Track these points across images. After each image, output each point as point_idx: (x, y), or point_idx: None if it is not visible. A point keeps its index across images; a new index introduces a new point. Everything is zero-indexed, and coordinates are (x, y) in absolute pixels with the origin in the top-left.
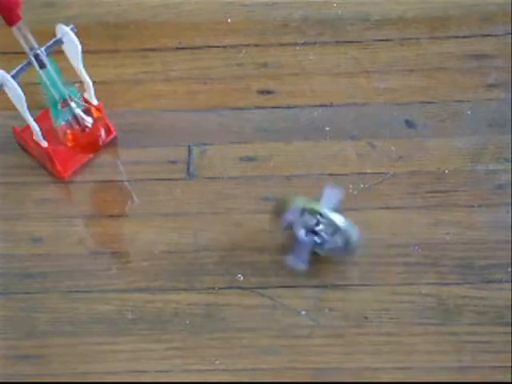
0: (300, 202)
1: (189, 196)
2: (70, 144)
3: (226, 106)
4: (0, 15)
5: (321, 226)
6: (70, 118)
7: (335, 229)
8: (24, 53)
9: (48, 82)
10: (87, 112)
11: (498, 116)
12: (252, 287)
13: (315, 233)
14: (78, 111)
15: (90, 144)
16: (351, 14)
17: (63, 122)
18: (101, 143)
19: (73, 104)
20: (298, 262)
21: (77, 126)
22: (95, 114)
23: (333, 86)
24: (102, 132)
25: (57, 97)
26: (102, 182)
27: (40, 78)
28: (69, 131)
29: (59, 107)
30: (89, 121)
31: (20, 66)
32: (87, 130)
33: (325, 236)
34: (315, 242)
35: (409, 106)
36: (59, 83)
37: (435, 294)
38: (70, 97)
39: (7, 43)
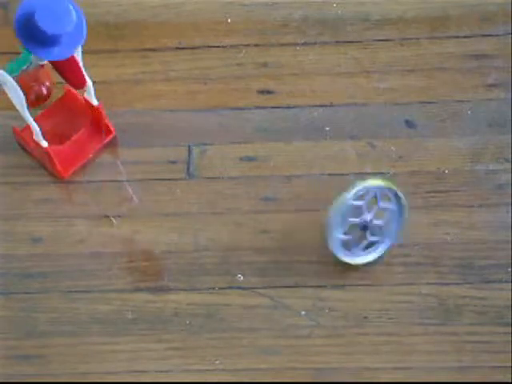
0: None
1: (189, 196)
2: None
3: (226, 106)
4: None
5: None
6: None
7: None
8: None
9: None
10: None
11: (497, 116)
12: (252, 287)
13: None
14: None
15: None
16: (351, 13)
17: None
18: (44, 93)
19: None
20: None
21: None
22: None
23: (333, 85)
24: (47, 82)
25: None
26: (102, 181)
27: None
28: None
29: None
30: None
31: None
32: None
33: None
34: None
35: (409, 106)
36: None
37: (435, 293)
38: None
39: (7, 43)
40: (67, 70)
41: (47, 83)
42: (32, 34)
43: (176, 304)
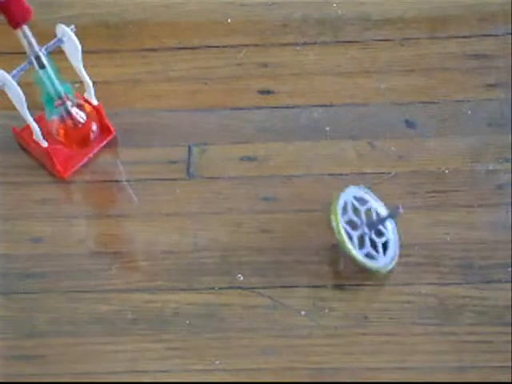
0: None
1: (189, 196)
2: (62, 139)
3: (226, 106)
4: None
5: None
6: (63, 113)
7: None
8: (24, 53)
9: (46, 81)
10: (80, 107)
11: (497, 116)
12: (252, 287)
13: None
14: (72, 107)
15: (82, 139)
16: (351, 13)
17: (56, 117)
18: (92, 138)
19: (68, 102)
20: None
21: (69, 121)
22: (88, 109)
23: (333, 85)
24: (94, 127)
25: (53, 94)
26: (102, 181)
27: (37, 76)
28: (61, 126)
29: (55, 105)
30: (82, 116)
31: (20, 66)
32: (80, 125)
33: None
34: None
35: (409, 106)
36: (56, 81)
37: (435, 294)
38: (65, 95)
39: (7, 43)
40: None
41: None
42: None
43: (176, 304)
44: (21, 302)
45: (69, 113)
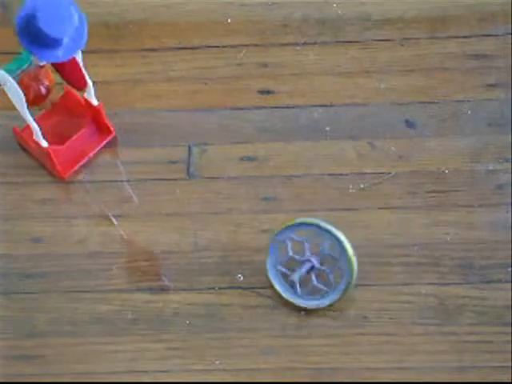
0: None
1: (189, 196)
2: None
3: (226, 106)
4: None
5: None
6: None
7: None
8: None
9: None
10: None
11: (498, 116)
12: (252, 287)
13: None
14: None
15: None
16: (351, 13)
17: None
18: (44, 94)
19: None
20: None
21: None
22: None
23: (333, 85)
24: (45, 82)
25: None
26: (102, 181)
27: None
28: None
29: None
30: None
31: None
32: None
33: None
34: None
35: (409, 106)
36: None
37: (435, 294)
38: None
39: (7, 43)
40: (68, 72)
41: (46, 83)
42: (34, 36)
43: (176, 304)
44: (21, 301)
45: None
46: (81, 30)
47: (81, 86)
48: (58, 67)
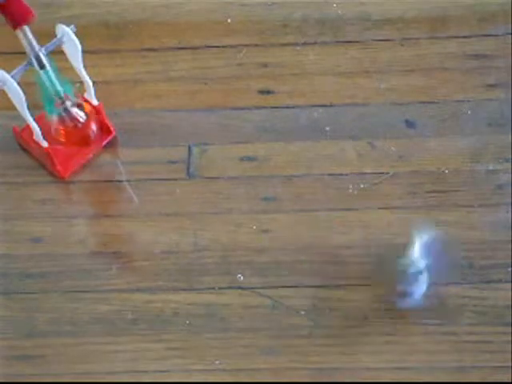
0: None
1: (189, 196)
2: (62, 139)
3: (226, 106)
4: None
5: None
6: (62, 112)
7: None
8: (24, 53)
9: (46, 81)
10: (79, 107)
11: (498, 116)
12: (252, 287)
13: None
14: (72, 107)
15: (81, 138)
16: (351, 13)
17: (55, 117)
18: (92, 137)
19: (67, 102)
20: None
21: (69, 121)
22: (87, 109)
23: (333, 86)
24: (93, 126)
25: (52, 94)
26: (102, 181)
27: (37, 76)
28: (61, 126)
29: (54, 104)
30: (81, 115)
31: (20, 66)
32: (79, 125)
33: None
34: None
35: (409, 106)
36: (55, 81)
37: (435, 294)
38: (65, 94)
39: (7, 43)
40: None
41: (83, 115)
42: None
43: (176, 304)
44: (21, 302)
45: (68, 112)
46: None
47: (25, 18)
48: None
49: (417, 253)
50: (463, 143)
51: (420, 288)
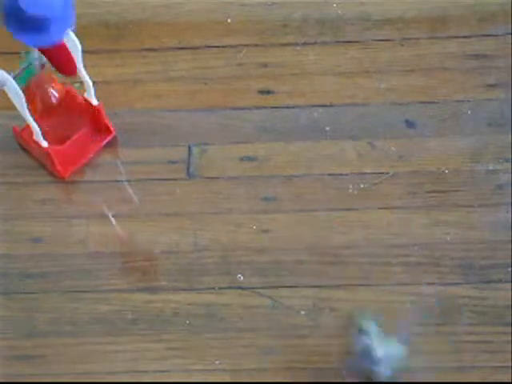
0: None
1: (189, 196)
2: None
3: (226, 106)
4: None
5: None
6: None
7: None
8: (24, 53)
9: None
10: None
11: (498, 116)
12: (252, 287)
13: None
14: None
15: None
16: (351, 13)
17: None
18: (53, 103)
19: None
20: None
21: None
22: (58, 87)
23: (333, 86)
24: (55, 93)
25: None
26: (102, 182)
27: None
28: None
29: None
30: (54, 94)
31: (20, 66)
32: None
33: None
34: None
35: (409, 106)
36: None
37: (435, 293)
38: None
39: (7, 43)
40: (57, 57)
41: (52, 88)
42: (19, 22)
43: (176, 304)
44: (21, 302)
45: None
46: (67, 9)
47: (71, 71)
48: (47, 53)
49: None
50: (463, 143)
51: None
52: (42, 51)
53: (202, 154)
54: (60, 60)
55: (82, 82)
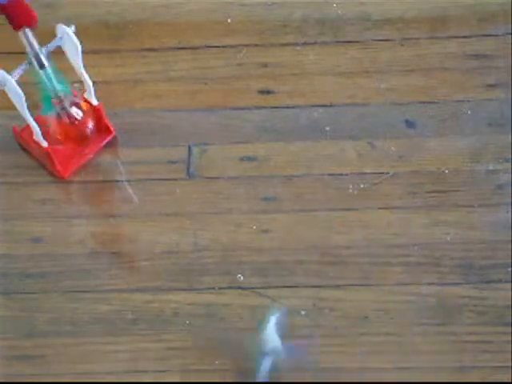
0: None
1: (189, 196)
2: (59, 137)
3: (226, 106)
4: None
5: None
6: (60, 111)
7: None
8: (24, 53)
9: (45, 80)
10: (77, 105)
11: (498, 116)
12: (252, 287)
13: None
14: (70, 106)
15: (78, 136)
16: (351, 13)
17: (53, 116)
18: (89, 135)
19: (65, 101)
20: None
21: (66, 119)
22: (84, 107)
23: (333, 85)
24: (90, 124)
25: (52, 94)
26: (102, 182)
27: (36, 75)
28: (59, 124)
29: (52, 103)
30: (78, 113)
31: (20, 66)
32: (76, 122)
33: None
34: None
35: (409, 106)
36: (54, 81)
37: (435, 293)
38: (63, 94)
39: (7, 43)
40: (12, 8)
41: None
42: None
43: (176, 304)
44: (21, 301)
45: (65, 111)
46: None
47: (28, 21)
48: (4, 9)
49: (268, 333)
50: (463, 143)
51: (265, 367)
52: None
53: (202, 154)
54: (19, 11)
55: (81, 82)
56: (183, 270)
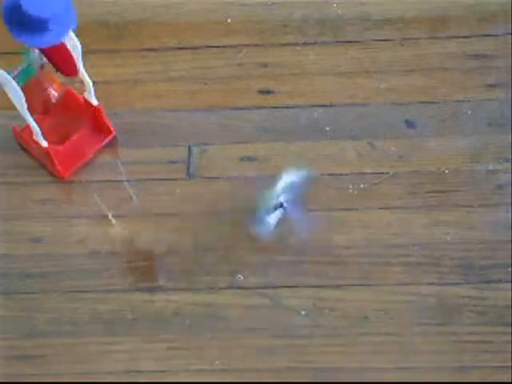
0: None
1: (189, 196)
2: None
3: (226, 106)
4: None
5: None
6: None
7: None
8: (24, 53)
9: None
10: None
11: (498, 116)
12: (252, 287)
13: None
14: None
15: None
16: (351, 13)
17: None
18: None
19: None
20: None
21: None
22: (58, 86)
23: (333, 85)
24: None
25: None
26: (102, 181)
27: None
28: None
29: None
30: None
31: (20, 67)
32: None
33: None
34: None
35: (409, 106)
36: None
37: (435, 293)
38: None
39: (7, 43)
40: (57, 57)
41: (51, 88)
42: (20, 23)
43: (176, 304)
44: (21, 301)
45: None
46: (68, 10)
47: (72, 72)
48: (48, 54)
49: (280, 188)
50: (463, 143)
51: (275, 219)
52: (43, 51)
53: (202, 153)
54: (61, 60)
55: (82, 82)
56: (183, 270)
